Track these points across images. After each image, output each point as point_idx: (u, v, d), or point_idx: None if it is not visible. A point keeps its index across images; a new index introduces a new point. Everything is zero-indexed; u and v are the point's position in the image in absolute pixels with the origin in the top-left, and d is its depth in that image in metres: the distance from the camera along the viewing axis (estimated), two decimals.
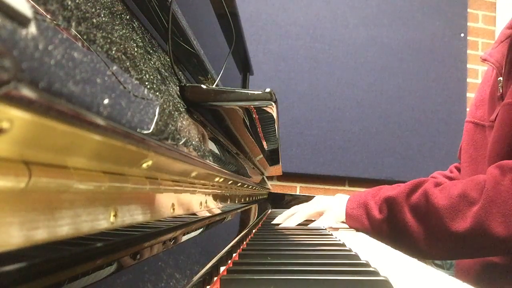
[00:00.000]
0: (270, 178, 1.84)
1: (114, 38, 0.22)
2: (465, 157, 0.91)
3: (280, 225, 0.83)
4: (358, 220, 0.79)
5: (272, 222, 0.87)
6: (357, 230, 0.82)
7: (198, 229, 0.40)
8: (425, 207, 0.71)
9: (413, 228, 0.72)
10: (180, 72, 0.45)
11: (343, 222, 0.84)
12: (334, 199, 0.87)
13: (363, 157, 1.86)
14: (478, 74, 2.07)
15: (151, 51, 0.33)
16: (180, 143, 0.27)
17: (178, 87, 0.35)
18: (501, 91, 0.81)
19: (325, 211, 0.84)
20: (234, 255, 0.46)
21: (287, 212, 0.87)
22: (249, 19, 1.83)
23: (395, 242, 0.75)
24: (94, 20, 0.20)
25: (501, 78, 0.81)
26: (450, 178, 1.04)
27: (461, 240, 0.67)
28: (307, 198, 1.14)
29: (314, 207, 0.85)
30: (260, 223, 0.88)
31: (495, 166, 0.69)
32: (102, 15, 0.22)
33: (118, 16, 0.26)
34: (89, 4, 0.20)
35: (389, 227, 0.76)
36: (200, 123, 0.38)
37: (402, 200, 0.74)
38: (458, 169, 1.06)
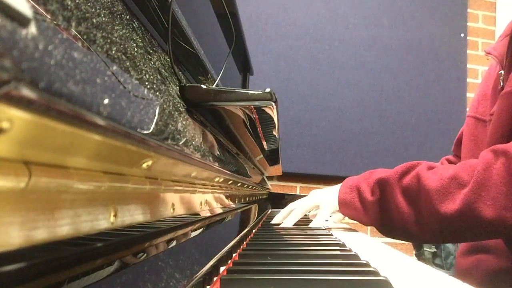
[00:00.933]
0: (270, 178, 1.84)
1: (114, 38, 0.22)
2: (465, 152, 0.92)
3: (279, 226, 0.83)
4: (350, 204, 0.78)
5: (271, 222, 0.87)
6: (351, 217, 0.81)
7: (198, 229, 0.40)
8: (416, 189, 0.71)
9: (403, 210, 0.72)
10: (180, 72, 0.45)
11: (338, 211, 0.84)
12: (327, 190, 0.86)
13: (363, 157, 1.86)
14: (478, 74, 2.07)
15: (151, 51, 0.33)
16: (180, 143, 0.27)
17: (178, 87, 0.35)
18: (502, 84, 0.80)
19: (320, 204, 0.84)
20: (234, 255, 0.46)
21: (284, 211, 0.87)
22: (249, 19, 1.83)
23: (386, 224, 0.75)
24: (94, 20, 0.20)
25: (502, 72, 0.81)
26: None
27: (449, 222, 0.66)
28: None
29: (310, 202, 0.85)
30: (260, 223, 0.88)
31: (488, 150, 0.68)
32: (102, 15, 0.22)
33: (118, 16, 0.26)
34: (89, 4, 0.20)
35: (381, 209, 0.75)
36: (200, 123, 0.38)
37: (394, 182, 0.74)
38: (450, 162, 1.07)
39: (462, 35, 2.03)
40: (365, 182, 0.78)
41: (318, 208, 0.85)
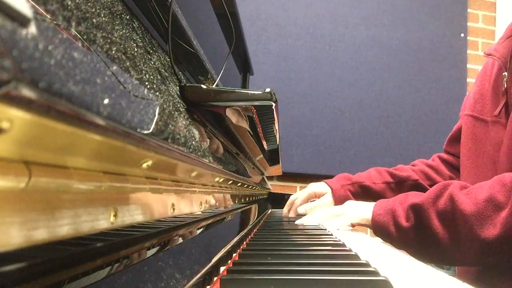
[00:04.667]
0: (270, 178, 1.84)
1: (114, 38, 0.22)
2: (464, 151, 0.91)
3: (279, 226, 0.84)
4: (384, 228, 0.77)
5: (298, 210, 0.89)
6: (382, 238, 0.79)
7: (198, 229, 0.40)
8: (451, 213, 0.69)
9: (441, 235, 0.70)
10: (180, 72, 0.45)
11: (353, 225, 0.83)
12: (360, 205, 0.85)
13: (363, 157, 1.86)
14: None
15: (151, 51, 0.33)
16: (180, 143, 0.27)
17: (178, 87, 0.35)
18: (505, 85, 0.80)
19: (347, 214, 0.84)
20: (234, 255, 0.46)
21: (310, 207, 0.88)
22: (249, 19, 1.83)
23: (421, 250, 0.73)
24: (94, 20, 0.20)
25: (505, 73, 0.81)
26: (431, 167, 1.07)
27: (491, 247, 0.64)
28: None
29: (335, 211, 0.86)
30: (260, 223, 0.88)
31: None
32: (102, 15, 0.22)
33: (118, 16, 0.26)
34: (89, 4, 0.20)
35: (416, 235, 0.73)
36: (200, 123, 0.38)
37: (429, 207, 0.71)
38: (442, 159, 1.07)
39: (462, 35, 2.03)
40: (400, 206, 0.76)
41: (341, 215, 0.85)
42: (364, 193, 1.05)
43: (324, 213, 0.87)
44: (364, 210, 0.81)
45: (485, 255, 0.66)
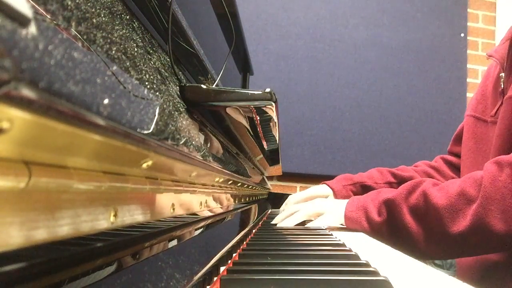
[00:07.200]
0: (270, 178, 1.84)
1: (114, 38, 0.22)
2: (465, 150, 0.93)
3: (278, 225, 0.83)
4: (357, 223, 0.78)
5: (271, 222, 0.87)
6: (357, 231, 0.81)
7: (198, 229, 0.40)
8: (424, 207, 0.71)
9: (412, 229, 0.72)
10: (180, 72, 0.45)
11: (342, 225, 0.84)
12: (334, 202, 0.86)
13: (363, 157, 1.86)
14: (478, 74, 2.07)
15: (151, 51, 0.33)
16: (180, 143, 0.27)
17: (178, 87, 0.35)
18: (502, 86, 0.82)
19: (325, 213, 0.84)
20: (234, 255, 0.46)
21: (286, 212, 0.87)
22: (249, 19, 1.83)
23: (394, 243, 0.74)
24: (94, 20, 0.20)
25: (503, 74, 0.82)
26: (434, 168, 1.08)
27: (461, 239, 0.66)
28: None
29: (315, 210, 0.85)
30: (260, 223, 0.88)
31: (492, 162, 0.68)
32: (102, 15, 0.22)
33: (118, 16, 0.26)
34: (89, 4, 0.20)
35: (389, 229, 0.75)
36: (200, 123, 0.38)
37: (401, 202, 0.73)
38: (445, 161, 1.08)
39: (462, 35, 2.03)
40: (371, 202, 0.78)
41: (320, 215, 0.85)
42: (366, 193, 1.05)
43: (300, 216, 0.85)
44: (339, 212, 0.82)
45: (456, 247, 0.69)
